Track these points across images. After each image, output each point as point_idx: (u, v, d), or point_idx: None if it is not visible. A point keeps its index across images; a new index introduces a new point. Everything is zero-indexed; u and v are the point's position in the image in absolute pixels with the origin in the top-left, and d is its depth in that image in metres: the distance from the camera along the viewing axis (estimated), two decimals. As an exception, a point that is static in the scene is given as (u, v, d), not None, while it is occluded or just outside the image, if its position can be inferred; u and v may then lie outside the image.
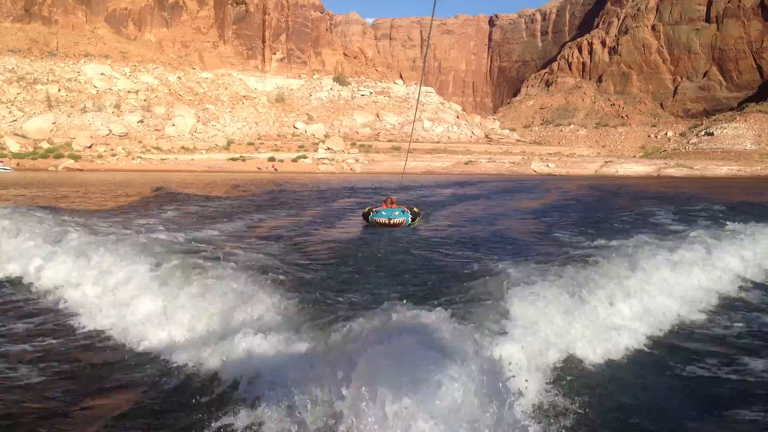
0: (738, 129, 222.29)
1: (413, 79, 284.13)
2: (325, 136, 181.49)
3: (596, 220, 28.19)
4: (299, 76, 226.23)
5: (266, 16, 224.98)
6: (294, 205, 36.72)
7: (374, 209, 23.63)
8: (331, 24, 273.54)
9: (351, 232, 21.86)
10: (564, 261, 11.50)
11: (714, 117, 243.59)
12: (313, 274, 12.26)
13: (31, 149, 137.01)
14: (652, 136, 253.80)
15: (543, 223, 27.29)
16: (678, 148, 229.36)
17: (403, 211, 23.06)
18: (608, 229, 22.32)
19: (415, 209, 24.44)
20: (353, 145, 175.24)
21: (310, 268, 13.11)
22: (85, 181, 75.32)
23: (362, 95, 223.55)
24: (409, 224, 22.95)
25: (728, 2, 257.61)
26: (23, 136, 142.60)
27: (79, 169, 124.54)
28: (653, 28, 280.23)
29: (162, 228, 19.83)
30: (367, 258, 14.93)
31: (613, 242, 14.67)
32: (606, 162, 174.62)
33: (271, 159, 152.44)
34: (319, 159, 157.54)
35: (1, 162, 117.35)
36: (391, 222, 22.43)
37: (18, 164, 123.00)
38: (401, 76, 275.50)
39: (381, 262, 14.25)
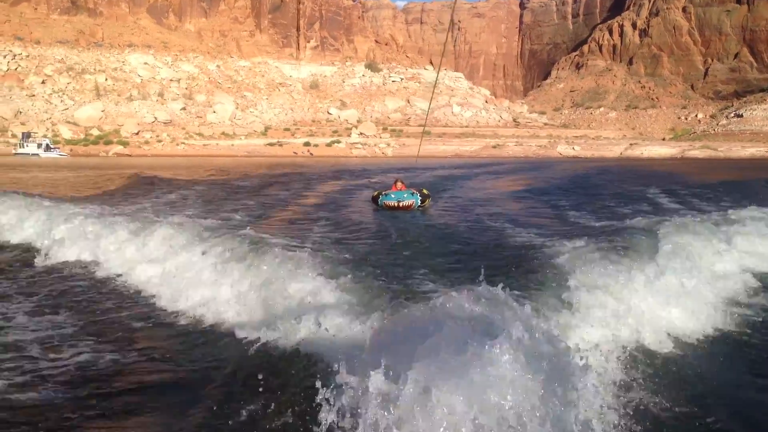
0: (767, 110, 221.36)
1: (443, 65, 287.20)
2: (358, 122, 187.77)
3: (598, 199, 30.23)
4: (332, 63, 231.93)
5: (301, 6, 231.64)
6: (333, 183, 40.24)
7: (383, 192, 23.35)
8: (363, 12, 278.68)
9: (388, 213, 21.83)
10: (610, 241, 10.78)
11: (744, 98, 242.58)
12: (363, 255, 12.23)
13: (82, 136, 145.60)
14: (683, 118, 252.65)
15: (559, 201, 28.10)
16: (707, 130, 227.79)
17: (413, 194, 22.74)
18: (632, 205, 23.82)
19: (425, 191, 24.02)
20: (385, 129, 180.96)
21: (359, 249, 13.26)
22: (136, 164, 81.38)
23: (393, 81, 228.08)
24: (419, 207, 22.60)
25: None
26: (75, 124, 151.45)
27: (128, 155, 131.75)
28: (684, 9, 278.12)
29: (234, 210, 22.21)
30: (409, 236, 15.06)
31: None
32: (631, 144, 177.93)
33: (307, 144, 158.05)
34: (352, 143, 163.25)
35: (58, 148, 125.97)
36: (401, 205, 22.09)
37: (71, 150, 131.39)
38: (431, 62, 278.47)
39: (423, 241, 14.41)
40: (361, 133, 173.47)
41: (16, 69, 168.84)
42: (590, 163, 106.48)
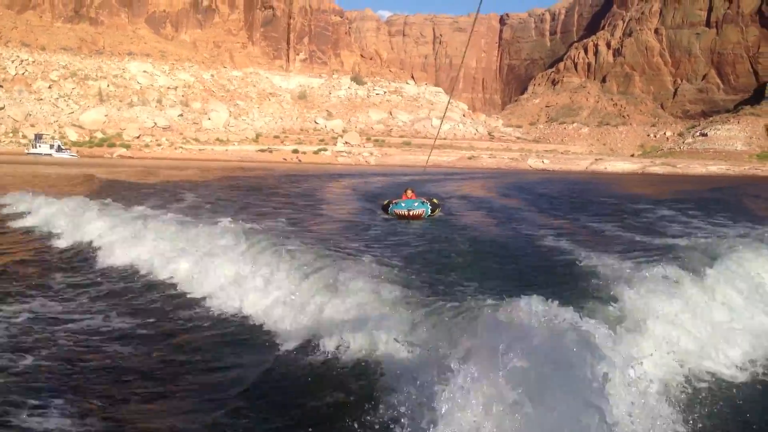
0: (731, 130, 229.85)
1: (424, 79, 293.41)
2: (343, 131, 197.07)
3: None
4: (320, 75, 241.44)
5: (291, 20, 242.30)
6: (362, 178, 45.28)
7: (394, 201, 23.17)
8: (348, 24, 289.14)
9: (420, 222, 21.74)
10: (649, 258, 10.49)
11: (710, 118, 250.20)
12: (414, 264, 12.12)
13: (87, 138, 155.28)
14: (652, 135, 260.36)
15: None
16: (674, 148, 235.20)
17: (423, 203, 22.75)
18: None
19: (435, 201, 24.06)
20: (368, 139, 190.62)
21: (409, 259, 13.00)
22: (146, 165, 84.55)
23: (377, 94, 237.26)
24: (429, 215, 22.59)
25: (728, 8, 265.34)
26: (80, 127, 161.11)
27: (130, 157, 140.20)
28: (656, 31, 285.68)
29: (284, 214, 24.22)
30: (451, 244, 15.29)
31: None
32: (596, 159, 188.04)
33: (295, 151, 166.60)
34: (337, 152, 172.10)
35: (69, 149, 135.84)
36: (411, 213, 22.02)
37: (77, 152, 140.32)
38: (413, 77, 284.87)
39: (464, 250, 14.37)
40: (346, 142, 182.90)
41: (23, 74, 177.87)
42: (556, 175, 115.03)
